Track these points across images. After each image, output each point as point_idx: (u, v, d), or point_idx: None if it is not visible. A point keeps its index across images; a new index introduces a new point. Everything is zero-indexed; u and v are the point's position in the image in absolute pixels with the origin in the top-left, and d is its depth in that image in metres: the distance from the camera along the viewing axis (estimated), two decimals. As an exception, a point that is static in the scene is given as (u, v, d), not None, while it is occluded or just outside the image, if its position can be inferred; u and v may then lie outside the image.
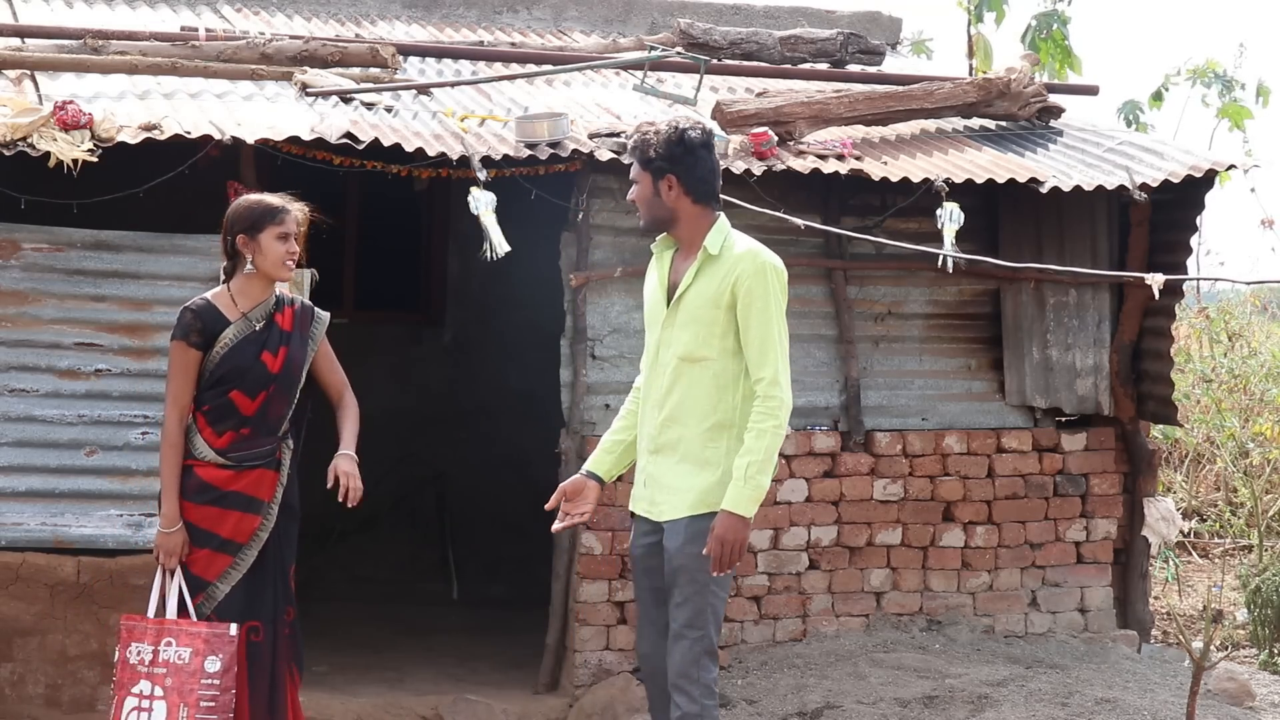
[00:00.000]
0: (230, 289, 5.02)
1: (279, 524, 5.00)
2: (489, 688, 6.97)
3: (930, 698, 6.33)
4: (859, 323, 7.35)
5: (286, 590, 5.05)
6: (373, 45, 7.71)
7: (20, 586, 6.29)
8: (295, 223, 5.01)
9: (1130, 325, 7.66)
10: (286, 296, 5.12)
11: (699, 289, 4.68)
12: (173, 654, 4.84)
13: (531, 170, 6.72)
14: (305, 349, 5.07)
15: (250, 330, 4.97)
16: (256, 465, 4.95)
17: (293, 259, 4.99)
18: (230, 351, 4.93)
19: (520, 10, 9.39)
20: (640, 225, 4.85)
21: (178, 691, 4.81)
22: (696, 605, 4.67)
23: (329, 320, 5.20)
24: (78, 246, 6.44)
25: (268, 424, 4.98)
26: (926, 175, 6.96)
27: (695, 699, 4.66)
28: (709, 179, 4.73)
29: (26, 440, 6.37)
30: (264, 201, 5.01)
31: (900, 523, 7.33)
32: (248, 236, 4.95)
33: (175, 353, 4.95)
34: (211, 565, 4.92)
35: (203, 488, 4.93)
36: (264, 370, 4.95)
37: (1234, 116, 14.48)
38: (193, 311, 4.96)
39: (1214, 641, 8.24)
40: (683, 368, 4.71)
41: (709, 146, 4.74)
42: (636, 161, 4.75)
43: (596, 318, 6.95)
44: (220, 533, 4.92)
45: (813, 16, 9.73)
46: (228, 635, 4.84)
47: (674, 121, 4.75)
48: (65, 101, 6.21)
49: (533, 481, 8.35)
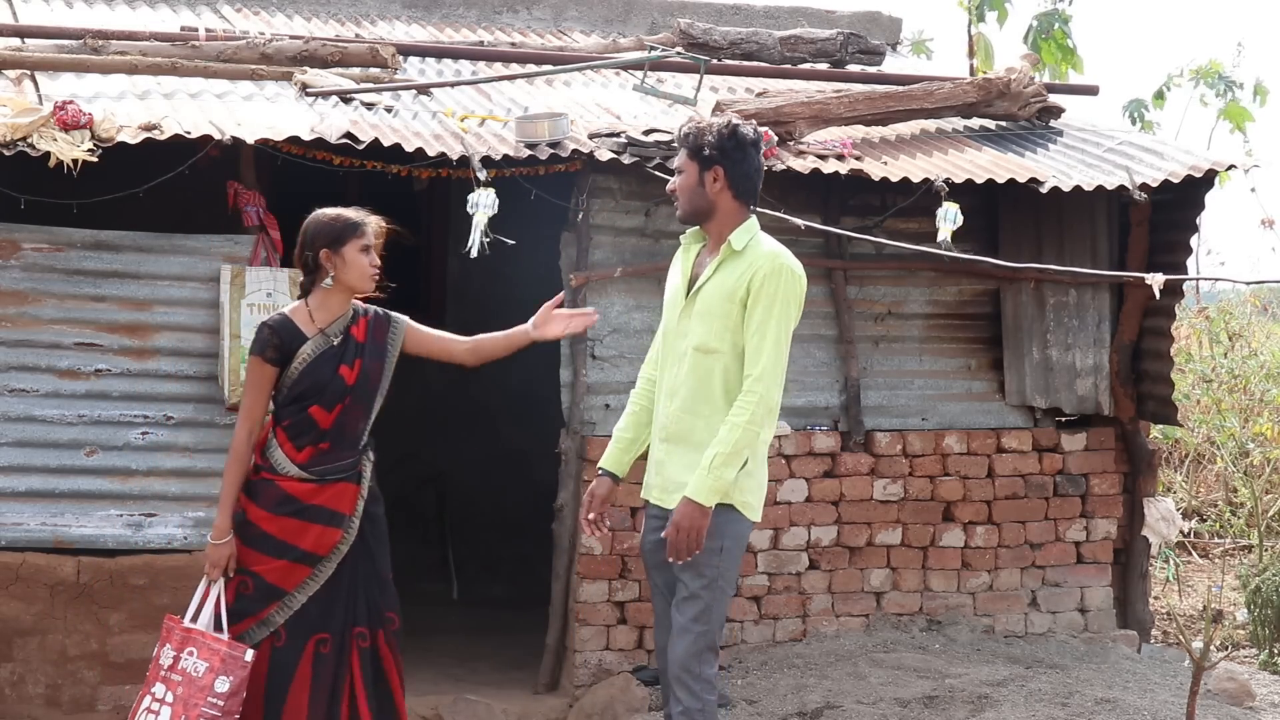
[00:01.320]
0: (308, 304, 5.00)
1: (363, 536, 4.99)
2: (489, 688, 6.97)
3: (930, 698, 6.33)
4: (859, 323, 7.35)
5: (384, 596, 5.02)
6: (373, 45, 7.71)
7: (20, 586, 6.28)
8: (374, 235, 5.01)
9: (1130, 325, 7.66)
10: (361, 308, 5.08)
11: (717, 282, 4.74)
12: (190, 664, 4.84)
13: (531, 170, 6.72)
14: (384, 359, 5.05)
15: (328, 345, 4.96)
16: (339, 479, 4.94)
17: (377, 271, 4.98)
18: (309, 367, 4.93)
19: (520, 10, 9.39)
20: (678, 215, 4.90)
21: (183, 702, 4.81)
22: (704, 601, 4.70)
23: (407, 322, 5.14)
24: (78, 246, 6.43)
25: (346, 437, 4.97)
26: (926, 175, 6.96)
27: (697, 694, 4.70)
28: (753, 177, 4.83)
29: (26, 440, 6.37)
30: (344, 215, 5.00)
31: (900, 523, 7.33)
32: (331, 250, 4.93)
33: (252, 368, 4.97)
34: (290, 576, 4.91)
35: (285, 500, 4.92)
36: (341, 384, 4.94)
37: (1236, 118, 14.48)
38: (270, 328, 4.96)
39: (1214, 641, 8.24)
40: (696, 358, 4.75)
41: (758, 146, 4.83)
42: (686, 150, 4.81)
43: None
44: (302, 545, 4.91)
45: (813, 16, 9.73)
46: (242, 660, 4.82)
47: (728, 118, 4.84)
48: (65, 101, 6.20)
49: (533, 481, 8.37)
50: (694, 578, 4.70)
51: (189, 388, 6.53)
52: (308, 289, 5.01)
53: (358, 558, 4.97)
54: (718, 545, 4.68)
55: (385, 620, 5.02)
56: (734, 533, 4.75)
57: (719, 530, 4.68)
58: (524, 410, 9.23)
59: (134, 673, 6.37)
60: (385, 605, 5.03)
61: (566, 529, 6.93)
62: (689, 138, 4.81)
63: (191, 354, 6.52)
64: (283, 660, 4.90)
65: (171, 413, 6.51)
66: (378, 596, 5.02)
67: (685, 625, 4.71)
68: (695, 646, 4.69)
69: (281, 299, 6.40)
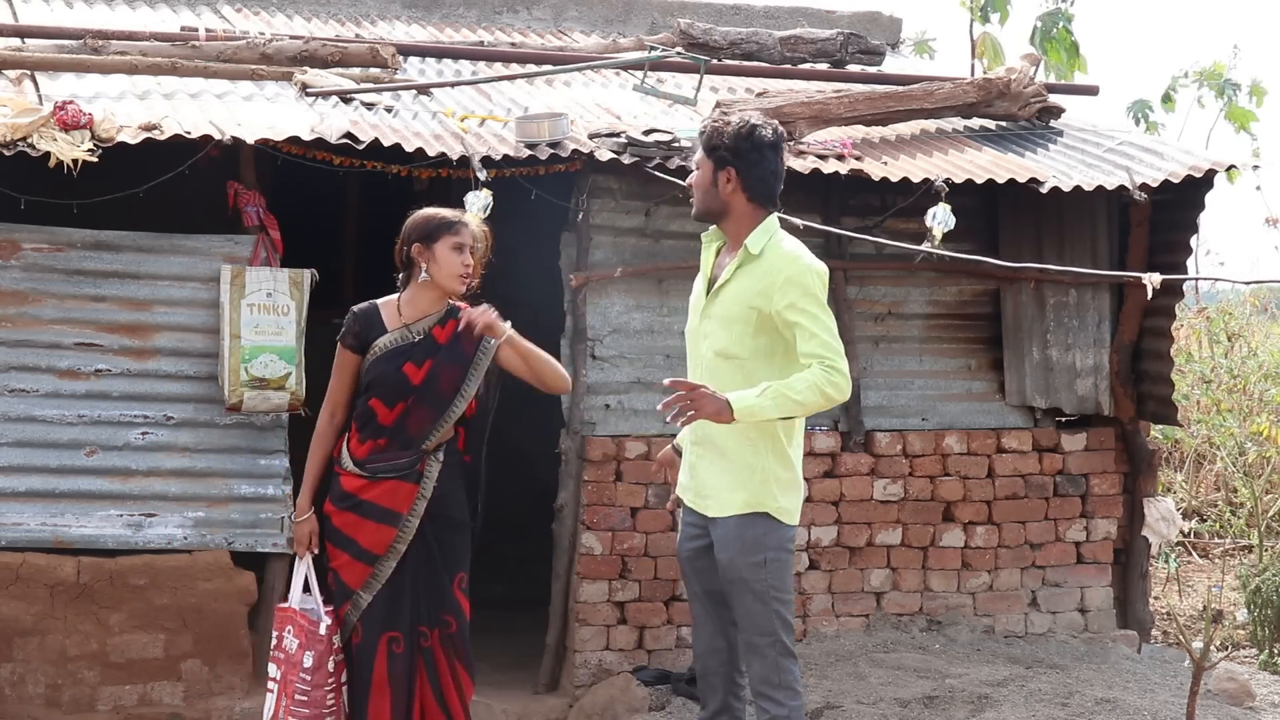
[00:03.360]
0: (400, 298, 5.06)
1: (429, 536, 5.00)
2: (489, 688, 6.96)
3: (930, 698, 6.33)
4: (859, 323, 7.35)
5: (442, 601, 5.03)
6: (373, 45, 7.71)
7: (20, 586, 6.28)
8: (472, 237, 5.01)
9: (1130, 325, 7.66)
10: (458, 310, 5.04)
11: (736, 286, 4.67)
12: (289, 642, 5.00)
13: (531, 170, 6.72)
14: (466, 364, 5.02)
15: (407, 341, 4.99)
16: (391, 477, 4.97)
17: (468, 272, 4.98)
18: (378, 359, 4.98)
19: (520, 10, 9.39)
20: (692, 213, 4.85)
21: (284, 680, 4.97)
22: (763, 614, 4.66)
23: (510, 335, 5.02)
24: (78, 246, 6.43)
25: (406, 436, 4.98)
26: (926, 175, 6.96)
27: (781, 702, 4.68)
28: (769, 180, 4.70)
29: (26, 440, 6.36)
30: (441, 213, 5.03)
31: (900, 523, 7.33)
32: (423, 245, 4.97)
33: (337, 353, 5.07)
34: (354, 573, 4.99)
35: (344, 495, 5.01)
36: (404, 381, 4.95)
37: (1240, 119, 14.48)
38: (354, 314, 5.06)
39: (1214, 641, 8.24)
40: (718, 363, 4.70)
41: (777, 148, 4.71)
42: (702, 148, 4.74)
43: (596, 318, 6.95)
44: (359, 540, 4.98)
45: (813, 16, 9.73)
46: (317, 633, 4.92)
47: (749, 118, 4.72)
48: (65, 101, 6.20)
49: (533, 481, 8.36)
50: (746, 593, 4.66)
51: (189, 388, 6.53)
52: (405, 284, 5.07)
53: (418, 559, 4.99)
54: (761, 559, 4.63)
55: (442, 622, 5.05)
56: (774, 543, 4.69)
57: (758, 543, 4.64)
58: (524, 410, 9.22)
59: (134, 673, 6.39)
60: (444, 608, 5.05)
61: (566, 529, 6.93)
62: (705, 135, 4.73)
63: (191, 354, 6.53)
64: (361, 659, 4.97)
65: (171, 413, 6.51)
66: (437, 600, 5.04)
67: (752, 642, 4.68)
68: (769, 658, 4.66)
69: (281, 299, 6.41)
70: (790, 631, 4.73)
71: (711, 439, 4.71)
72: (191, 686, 6.44)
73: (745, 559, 4.63)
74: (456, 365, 5.02)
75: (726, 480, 4.69)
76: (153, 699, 6.41)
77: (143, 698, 6.41)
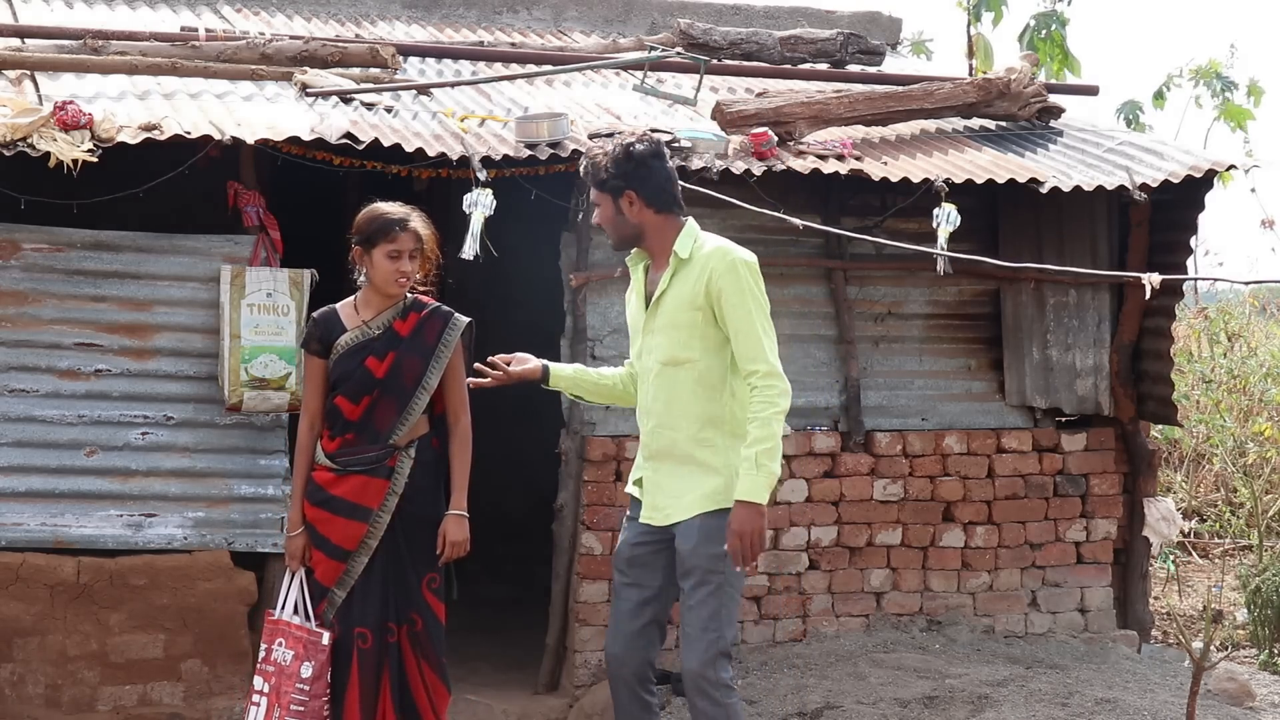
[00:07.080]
0: (357, 298, 5.10)
1: (398, 532, 5.01)
2: (489, 688, 6.97)
3: (930, 698, 6.33)
4: (859, 323, 7.35)
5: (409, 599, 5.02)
6: (373, 45, 7.70)
7: (20, 587, 6.27)
8: (415, 239, 5.01)
9: (1130, 325, 7.66)
10: (420, 303, 5.10)
11: (675, 293, 4.72)
12: (280, 654, 5.00)
13: (531, 170, 6.72)
14: (428, 355, 5.06)
15: (367, 337, 5.02)
16: (359, 471, 4.99)
17: (404, 278, 4.99)
18: (340, 357, 5.01)
19: (520, 10, 9.39)
20: (612, 246, 4.91)
21: (276, 691, 4.96)
22: (712, 607, 4.67)
23: (466, 325, 5.12)
24: (78, 246, 6.43)
25: (374, 430, 5.00)
26: (926, 175, 6.96)
27: (718, 700, 4.68)
28: (667, 187, 4.77)
29: (26, 440, 6.36)
30: (383, 216, 5.02)
31: (900, 523, 7.34)
32: (362, 249, 5.01)
33: (305, 361, 5.13)
34: (329, 571, 5.01)
35: (315, 490, 5.05)
36: (368, 376, 4.98)
37: (1237, 117, 14.48)
38: (313, 319, 5.11)
39: (1214, 641, 8.24)
40: (666, 372, 4.74)
41: (660, 155, 4.78)
42: (592, 185, 4.80)
43: (596, 318, 6.95)
44: (331, 538, 5.00)
45: (813, 17, 9.73)
46: (319, 643, 4.93)
47: (619, 140, 4.79)
48: (65, 101, 6.20)
49: (533, 481, 8.36)
50: (701, 583, 4.67)
51: (189, 388, 6.53)
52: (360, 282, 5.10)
53: (387, 555, 5.00)
54: (720, 550, 4.65)
55: (409, 620, 5.04)
56: None
57: (719, 534, 4.65)
58: (524, 410, 9.22)
59: (134, 673, 6.39)
60: (411, 606, 5.04)
61: (566, 529, 6.93)
62: (589, 173, 4.81)
63: (191, 354, 6.53)
64: (340, 656, 4.98)
65: (171, 413, 6.51)
66: (404, 597, 5.03)
67: (694, 634, 4.68)
68: (709, 653, 4.66)
69: (281, 299, 6.41)
70: (732, 630, 4.74)
71: (665, 451, 4.75)
72: (191, 687, 6.44)
73: (707, 549, 4.65)
74: (418, 356, 5.05)
75: (692, 484, 4.71)
76: (153, 699, 6.41)
77: (143, 698, 6.40)
